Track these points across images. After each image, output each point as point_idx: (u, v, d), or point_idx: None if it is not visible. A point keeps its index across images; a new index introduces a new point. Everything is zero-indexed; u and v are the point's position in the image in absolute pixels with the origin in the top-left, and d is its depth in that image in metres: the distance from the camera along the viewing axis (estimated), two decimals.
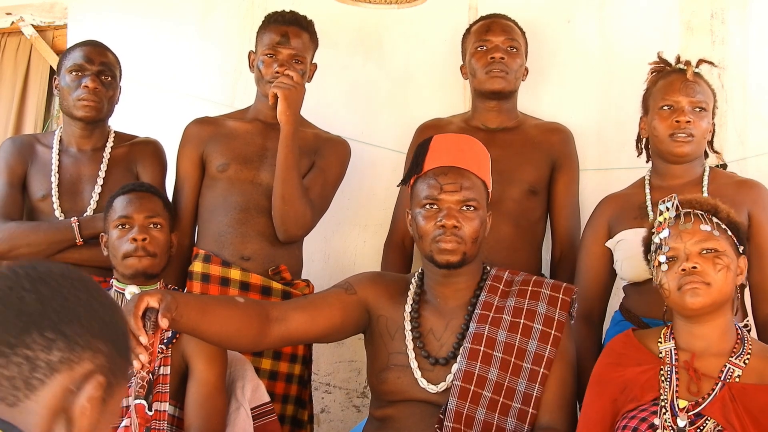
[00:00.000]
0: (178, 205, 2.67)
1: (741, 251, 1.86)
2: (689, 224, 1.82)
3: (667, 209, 1.86)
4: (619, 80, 2.88)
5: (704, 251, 1.80)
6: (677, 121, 2.25)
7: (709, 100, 2.30)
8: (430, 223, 1.97)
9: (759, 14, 2.84)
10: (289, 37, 2.60)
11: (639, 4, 2.93)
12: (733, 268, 1.82)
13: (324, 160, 2.67)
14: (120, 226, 2.25)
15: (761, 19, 2.83)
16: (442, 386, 1.97)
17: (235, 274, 2.55)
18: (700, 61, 2.33)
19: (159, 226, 2.27)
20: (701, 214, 1.83)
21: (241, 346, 2.07)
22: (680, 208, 1.84)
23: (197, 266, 2.57)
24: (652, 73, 2.37)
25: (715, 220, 1.83)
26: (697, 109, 2.26)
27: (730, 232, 1.84)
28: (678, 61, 2.34)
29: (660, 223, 1.86)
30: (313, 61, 2.72)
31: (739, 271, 1.84)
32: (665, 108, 2.28)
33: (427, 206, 1.98)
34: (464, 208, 1.97)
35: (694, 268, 1.78)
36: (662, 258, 1.82)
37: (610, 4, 2.97)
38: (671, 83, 2.29)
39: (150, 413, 1.85)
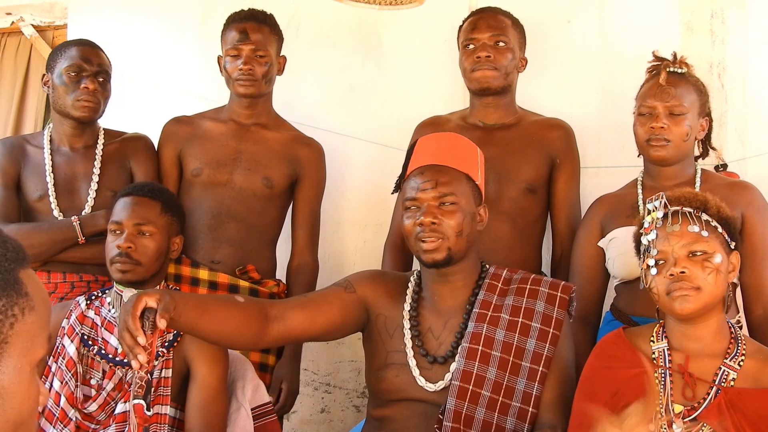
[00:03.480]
0: None
1: (732, 247, 1.82)
2: (677, 226, 1.78)
3: (655, 209, 1.82)
4: (619, 80, 2.88)
5: (692, 254, 1.76)
6: (652, 127, 2.28)
7: (690, 102, 2.30)
8: (410, 222, 1.98)
9: (759, 14, 2.83)
10: (248, 33, 2.64)
11: (639, 4, 2.93)
12: (724, 268, 1.78)
13: (309, 178, 2.72)
14: (112, 231, 2.25)
15: (761, 19, 2.83)
16: (440, 385, 1.96)
17: (203, 274, 2.59)
18: (681, 63, 2.33)
19: (148, 234, 2.24)
20: (689, 213, 1.79)
21: (241, 345, 2.07)
22: (668, 207, 1.80)
23: (170, 268, 2.60)
24: (648, 72, 2.38)
25: (704, 217, 1.79)
26: (673, 114, 2.28)
27: (720, 229, 1.80)
28: (675, 58, 2.34)
29: (648, 223, 1.82)
30: (281, 54, 2.74)
31: (731, 267, 1.81)
32: (643, 114, 2.32)
33: (408, 207, 1.99)
34: (442, 204, 1.96)
35: (683, 272, 1.74)
36: (651, 261, 1.79)
37: (610, 4, 2.97)
38: (649, 88, 2.33)
39: (149, 413, 1.85)
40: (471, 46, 2.61)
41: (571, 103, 2.92)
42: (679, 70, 2.32)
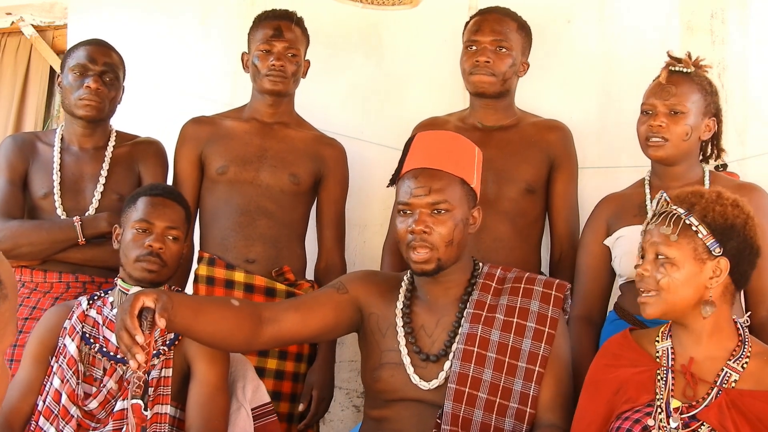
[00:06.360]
0: None
1: (717, 253, 1.75)
2: (652, 226, 1.80)
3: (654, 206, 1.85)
4: (619, 80, 2.88)
5: (658, 256, 1.76)
6: (650, 125, 2.29)
7: (691, 101, 2.28)
8: (402, 228, 1.97)
9: (759, 14, 2.83)
10: (282, 30, 2.65)
11: (639, 4, 2.93)
12: (688, 274, 1.74)
13: (333, 177, 2.73)
14: (138, 229, 2.20)
15: (761, 19, 2.83)
16: (434, 383, 1.96)
17: (239, 276, 2.57)
18: (692, 63, 2.33)
19: (176, 238, 2.23)
20: (670, 214, 1.77)
21: (234, 347, 2.07)
22: (665, 204, 1.81)
23: (202, 269, 2.59)
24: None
25: (691, 220, 1.75)
26: (673, 113, 2.28)
27: (704, 233, 1.75)
28: (689, 57, 2.34)
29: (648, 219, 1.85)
30: (306, 58, 2.75)
31: (713, 273, 1.75)
32: (644, 112, 2.33)
33: (401, 211, 1.98)
34: (435, 211, 1.94)
35: (643, 274, 1.78)
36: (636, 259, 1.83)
37: (610, 4, 2.97)
38: (651, 87, 2.33)
39: (146, 413, 1.85)
40: (472, 48, 2.61)
41: (570, 103, 2.92)
42: (685, 70, 2.32)
